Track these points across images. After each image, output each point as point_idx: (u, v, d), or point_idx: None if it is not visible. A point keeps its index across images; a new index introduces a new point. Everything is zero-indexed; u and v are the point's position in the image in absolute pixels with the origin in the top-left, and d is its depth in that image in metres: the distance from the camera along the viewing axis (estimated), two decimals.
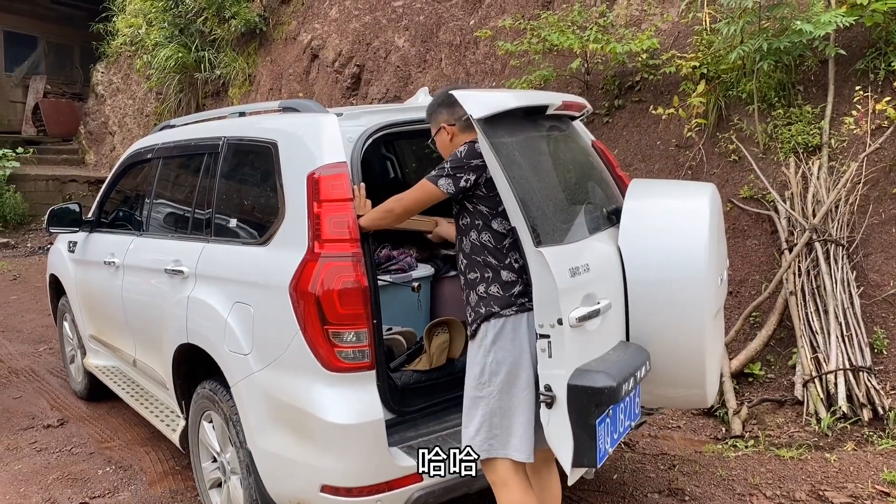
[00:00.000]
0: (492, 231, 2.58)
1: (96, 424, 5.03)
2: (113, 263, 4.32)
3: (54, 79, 17.72)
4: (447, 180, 2.57)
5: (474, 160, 2.55)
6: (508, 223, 2.51)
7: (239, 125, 3.58)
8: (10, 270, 10.74)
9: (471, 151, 2.56)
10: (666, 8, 6.69)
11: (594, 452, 2.40)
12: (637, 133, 6.37)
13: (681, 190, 3.59)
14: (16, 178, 13.49)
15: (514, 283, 2.55)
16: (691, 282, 2.79)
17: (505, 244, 2.57)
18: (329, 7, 10.58)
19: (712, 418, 4.59)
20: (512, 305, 2.54)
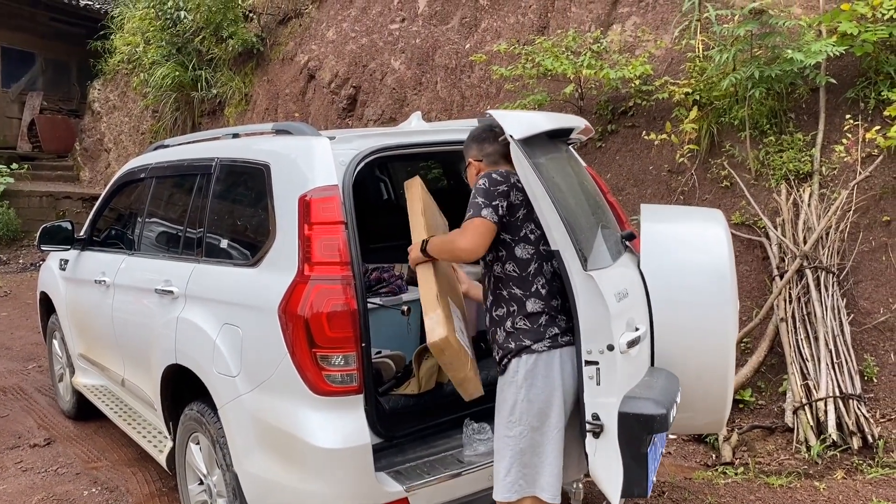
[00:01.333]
0: (515, 259, 2.59)
1: (83, 444, 4.99)
2: (104, 282, 4.30)
3: (51, 95, 17.74)
4: (489, 210, 2.54)
5: (499, 186, 2.57)
6: (532, 247, 2.58)
7: (232, 146, 3.59)
8: (0, 287, 10.69)
9: (492, 180, 2.59)
10: (659, 35, 6.76)
11: (645, 482, 2.37)
12: (630, 158, 6.41)
13: (694, 215, 3.60)
14: (9, 193, 13.45)
15: (539, 313, 2.56)
16: (716, 306, 2.79)
17: (530, 270, 2.59)
18: (326, 29, 10.66)
19: (702, 444, 4.58)
20: (542, 339, 2.53)
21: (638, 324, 2.57)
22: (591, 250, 2.52)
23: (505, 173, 2.62)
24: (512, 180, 2.59)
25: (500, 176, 2.61)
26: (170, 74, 11.93)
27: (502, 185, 2.57)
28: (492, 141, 2.77)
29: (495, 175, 2.60)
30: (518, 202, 2.58)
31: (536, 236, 2.59)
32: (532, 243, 2.60)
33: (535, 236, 2.60)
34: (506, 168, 2.68)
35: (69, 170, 16.15)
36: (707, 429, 3.80)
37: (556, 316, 2.57)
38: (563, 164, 2.92)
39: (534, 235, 2.60)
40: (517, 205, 2.58)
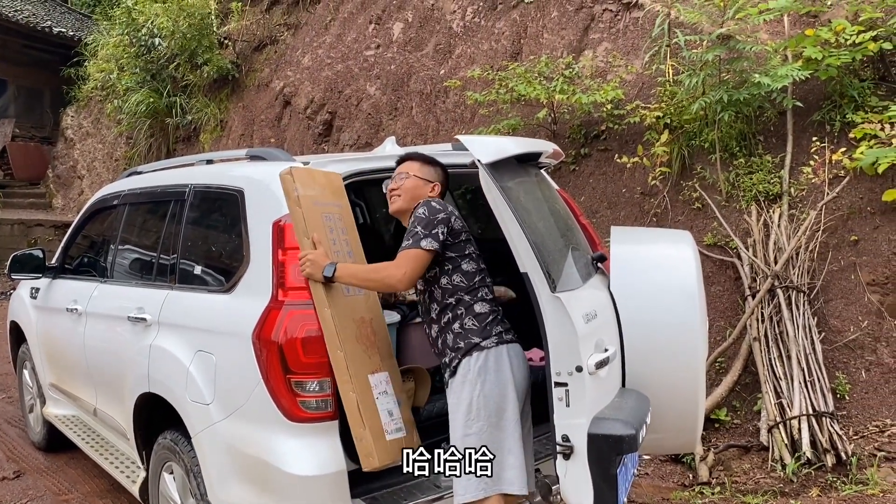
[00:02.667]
0: (462, 272, 2.72)
1: (54, 476, 4.89)
2: (76, 310, 4.25)
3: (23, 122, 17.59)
4: (428, 240, 2.64)
5: (439, 214, 2.69)
6: (475, 263, 2.74)
7: (206, 173, 3.59)
8: None
9: (432, 208, 2.70)
10: (630, 60, 6.87)
11: (615, 502, 2.37)
12: (603, 181, 6.48)
13: (663, 237, 3.64)
14: None
15: (487, 313, 2.70)
16: (685, 326, 2.81)
17: (475, 281, 2.74)
18: (302, 55, 10.71)
19: (679, 465, 4.59)
20: (490, 336, 2.66)
21: (607, 345, 2.58)
22: (559, 272, 2.54)
23: (443, 202, 2.78)
24: (449, 208, 2.75)
25: (439, 204, 2.75)
26: (144, 101, 11.90)
27: (441, 212, 2.69)
28: (441, 173, 3.00)
29: (435, 203, 2.73)
30: (459, 227, 2.74)
31: (477, 255, 2.79)
32: (475, 260, 2.77)
33: (477, 255, 2.79)
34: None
35: (41, 197, 15.99)
36: (680, 449, 3.82)
37: (500, 318, 2.75)
38: (533, 187, 2.95)
39: (476, 254, 2.78)
40: (458, 230, 2.74)
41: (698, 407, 2.90)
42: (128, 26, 11.86)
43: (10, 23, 15.89)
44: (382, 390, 2.73)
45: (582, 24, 7.47)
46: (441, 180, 2.97)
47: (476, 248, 2.79)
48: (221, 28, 11.89)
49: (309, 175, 2.85)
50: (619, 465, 2.38)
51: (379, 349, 2.81)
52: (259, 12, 11.96)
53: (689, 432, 2.97)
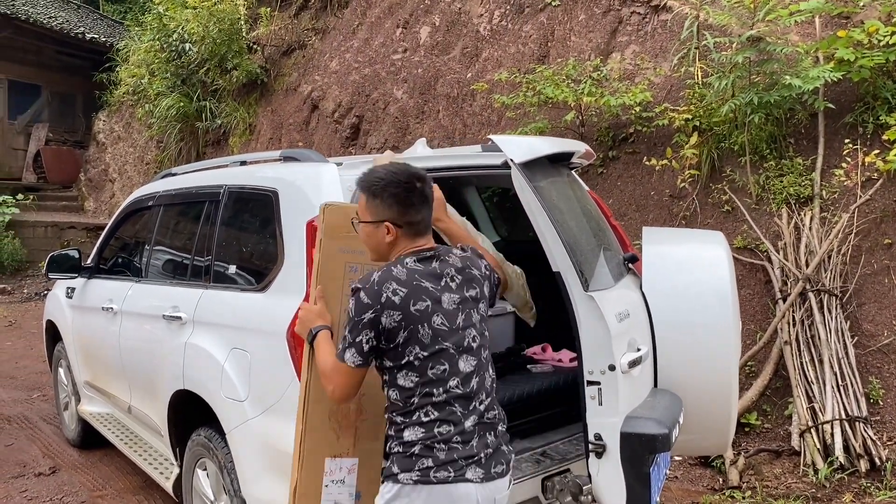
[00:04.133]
0: (398, 387, 2.13)
1: (89, 472, 4.97)
2: (111, 309, 4.33)
3: (56, 127, 17.93)
4: (352, 353, 2.11)
5: (364, 314, 2.08)
6: (421, 373, 2.09)
7: (240, 174, 3.64)
8: (5, 316, 10.71)
9: (358, 302, 2.10)
10: (658, 62, 6.85)
11: (647, 502, 2.37)
12: (631, 184, 6.46)
13: (695, 237, 3.63)
14: (15, 224, 13.54)
15: (417, 441, 2.08)
16: (718, 326, 2.81)
17: (412, 401, 2.10)
18: (329, 60, 10.80)
19: (709, 468, 4.56)
20: (411, 470, 2.06)
21: (640, 344, 2.59)
22: (592, 272, 2.56)
23: (379, 284, 2.09)
24: (387, 293, 2.07)
25: (371, 294, 2.08)
26: (174, 105, 12.07)
27: (369, 309, 2.07)
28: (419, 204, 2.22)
29: (364, 293, 2.09)
30: (395, 323, 2.08)
31: (427, 358, 2.10)
32: (418, 369, 2.11)
33: (426, 358, 2.10)
34: (417, 248, 2.21)
35: (74, 200, 16.27)
36: (712, 450, 3.80)
37: (431, 450, 2.07)
38: (565, 187, 2.96)
39: (422, 358, 2.10)
40: (394, 327, 2.08)
41: (731, 408, 2.89)
42: (159, 32, 12.05)
43: (45, 29, 16.21)
44: (338, 478, 2.35)
45: (609, 27, 7.46)
46: (393, 216, 2.19)
47: (423, 346, 2.10)
48: (251, 33, 12.03)
49: (343, 214, 2.43)
50: (653, 464, 2.38)
51: (358, 431, 2.39)
52: (287, 17, 12.09)
53: (722, 434, 2.96)
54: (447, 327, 2.13)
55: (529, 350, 4.02)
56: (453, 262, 2.24)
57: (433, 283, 2.15)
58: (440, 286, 2.16)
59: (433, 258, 2.21)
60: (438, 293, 2.15)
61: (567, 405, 3.33)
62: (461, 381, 2.12)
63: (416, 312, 2.09)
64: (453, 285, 2.19)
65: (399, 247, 2.23)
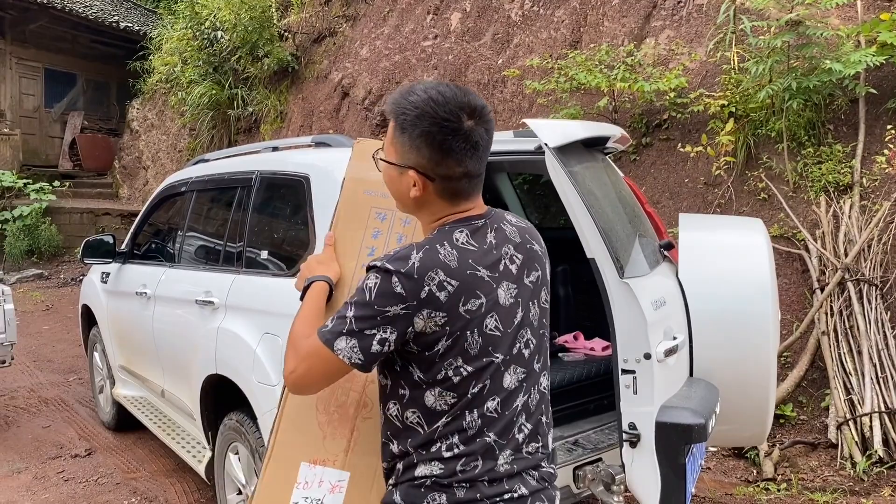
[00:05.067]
0: (422, 407, 1.55)
1: (123, 455, 5.05)
2: (145, 294, 4.38)
3: (91, 115, 18.19)
4: (349, 344, 1.50)
5: (393, 306, 1.48)
6: (453, 396, 1.53)
7: (272, 160, 3.65)
8: (42, 301, 10.92)
9: (384, 289, 1.49)
10: (694, 47, 6.73)
11: (683, 493, 2.34)
12: (665, 171, 6.37)
13: (733, 224, 3.56)
14: (51, 210, 13.78)
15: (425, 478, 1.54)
16: (756, 315, 2.76)
17: (437, 427, 1.54)
18: (360, 47, 10.79)
19: (743, 460, 4.50)
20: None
21: (676, 333, 2.55)
22: (627, 258, 2.52)
23: (421, 273, 1.48)
24: (430, 287, 1.48)
25: (408, 284, 1.48)
26: (207, 93, 12.16)
27: (400, 303, 1.48)
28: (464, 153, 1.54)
29: (397, 282, 1.48)
30: (438, 328, 1.50)
31: (465, 378, 1.53)
32: (455, 388, 1.53)
33: (465, 378, 1.53)
34: (461, 214, 1.60)
35: (108, 187, 16.49)
36: (749, 441, 3.75)
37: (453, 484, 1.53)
38: (600, 173, 2.91)
39: (459, 377, 1.53)
40: (434, 334, 1.50)
41: (769, 399, 2.83)
42: (191, 20, 12.12)
43: (80, 18, 16.40)
44: (314, 496, 1.78)
45: (643, 12, 7.34)
46: (422, 162, 1.55)
47: (478, 357, 1.53)
48: (282, 20, 12.05)
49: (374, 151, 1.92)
50: (688, 455, 2.35)
51: (356, 434, 1.81)
52: (318, 4, 12.08)
53: (759, 425, 2.91)
54: (500, 331, 1.55)
55: (561, 338, 3.99)
56: (510, 234, 1.64)
57: (490, 271, 1.55)
58: (498, 273, 1.57)
59: (486, 229, 1.59)
60: (496, 285, 1.56)
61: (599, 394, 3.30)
62: (501, 401, 1.56)
63: (467, 314, 1.51)
64: (513, 268, 1.60)
65: (434, 207, 1.60)
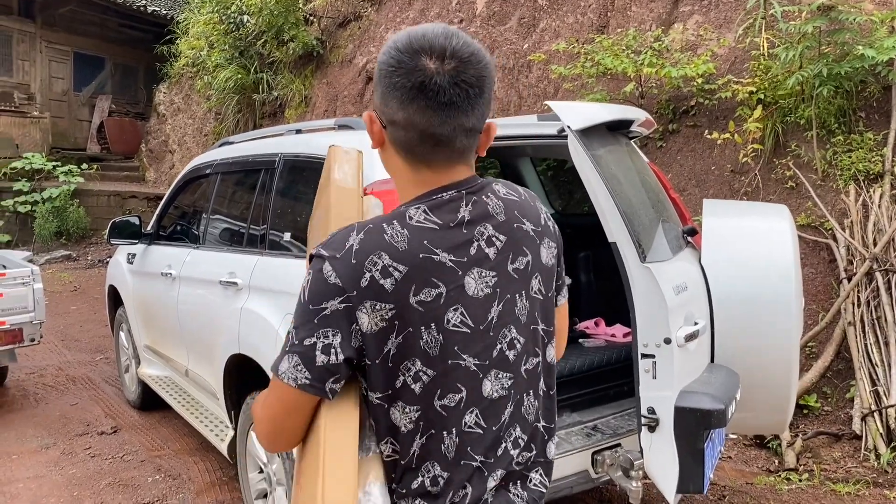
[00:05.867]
0: (389, 428, 1.26)
1: (147, 433, 5.13)
2: (170, 275, 4.43)
3: (119, 98, 18.38)
4: (292, 362, 1.23)
5: (330, 301, 1.21)
6: (415, 410, 1.24)
7: (295, 142, 3.66)
8: (70, 281, 11.09)
9: (317, 282, 1.22)
10: (723, 33, 6.63)
11: (701, 478, 2.34)
12: (691, 158, 6.30)
13: (758, 210, 3.52)
14: (79, 193, 13.97)
15: None
16: (779, 303, 2.73)
17: (413, 452, 1.26)
18: (385, 31, 10.76)
19: (764, 450, 4.46)
20: None
21: (697, 318, 2.53)
22: (649, 243, 2.50)
23: (359, 255, 1.21)
24: (372, 273, 1.20)
25: (343, 270, 1.21)
26: (232, 77, 12.22)
27: (337, 296, 1.20)
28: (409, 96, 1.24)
29: (330, 270, 1.21)
30: (385, 323, 1.21)
31: (427, 383, 1.24)
32: (416, 400, 1.25)
33: (426, 384, 1.24)
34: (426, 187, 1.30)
35: (135, 170, 16.68)
36: (770, 430, 3.72)
37: None
38: (624, 157, 2.89)
39: (421, 385, 1.24)
40: (381, 331, 1.22)
41: (790, 387, 2.81)
42: (217, 4, 12.17)
43: (109, 2, 16.54)
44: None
45: None
46: (381, 106, 1.31)
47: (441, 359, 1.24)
48: (307, 4, 12.06)
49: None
50: (707, 440, 2.34)
51: None
52: None
53: (780, 413, 2.88)
54: (469, 328, 1.26)
55: (582, 324, 3.98)
56: (493, 209, 1.32)
57: (455, 255, 1.26)
58: (467, 257, 1.27)
59: (457, 203, 1.29)
60: (462, 271, 1.26)
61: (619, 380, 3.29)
62: (482, 414, 1.29)
63: (420, 306, 1.22)
64: (490, 252, 1.29)
65: (398, 171, 1.33)
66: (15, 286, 5.27)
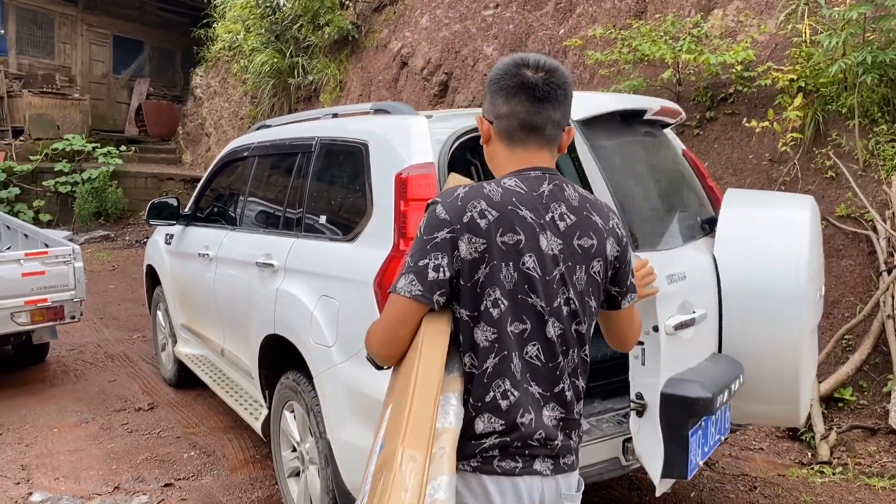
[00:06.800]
0: (474, 347, 1.60)
1: (183, 410, 5.24)
2: (207, 255, 4.50)
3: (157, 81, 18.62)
4: (408, 279, 1.58)
5: (440, 231, 1.58)
6: (492, 331, 1.58)
7: (332, 126, 3.69)
8: (109, 261, 11.30)
9: (431, 219, 1.60)
10: (763, 19, 6.51)
11: (685, 464, 2.36)
12: (729, 146, 6.22)
13: (779, 201, 3.48)
14: (118, 174, 14.20)
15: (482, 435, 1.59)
16: (789, 296, 2.72)
17: (487, 370, 1.59)
18: (420, 16, 10.74)
19: (798, 442, 4.42)
20: (472, 456, 1.60)
21: (696, 307, 2.52)
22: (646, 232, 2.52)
23: (463, 200, 1.59)
24: (472, 213, 1.57)
25: (451, 209, 1.59)
26: (268, 61, 12.30)
27: (445, 226, 1.58)
28: (512, 93, 1.66)
29: (441, 209, 1.60)
30: (477, 254, 1.57)
31: (503, 311, 1.59)
32: (501, 323, 1.59)
33: (502, 311, 1.59)
34: (518, 165, 1.68)
35: (172, 153, 16.90)
36: (782, 422, 3.71)
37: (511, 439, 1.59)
38: (636, 147, 2.89)
39: (498, 310, 1.58)
40: (476, 259, 1.57)
41: (799, 380, 2.78)
42: None
43: None
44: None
45: None
46: (487, 106, 1.72)
47: (514, 292, 1.58)
48: None
49: None
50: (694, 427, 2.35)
51: None
52: None
53: (791, 404, 2.86)
54: (538, 275, 1.59)
55: None
56: (569, 196, 1.68)
57: (534, 214, 1.61)
58: (543, 220, 1.62)
59: (541, 180, 1.66)
60: (538, 229, 1.60)
61: None
62: (542, 350, 1.60)
63: (503, 246, 1.57)
64: (561, 225, 1.64)
65: (499, 155, 1.72)
66: (57, 264, 5.40)
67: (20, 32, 16.56)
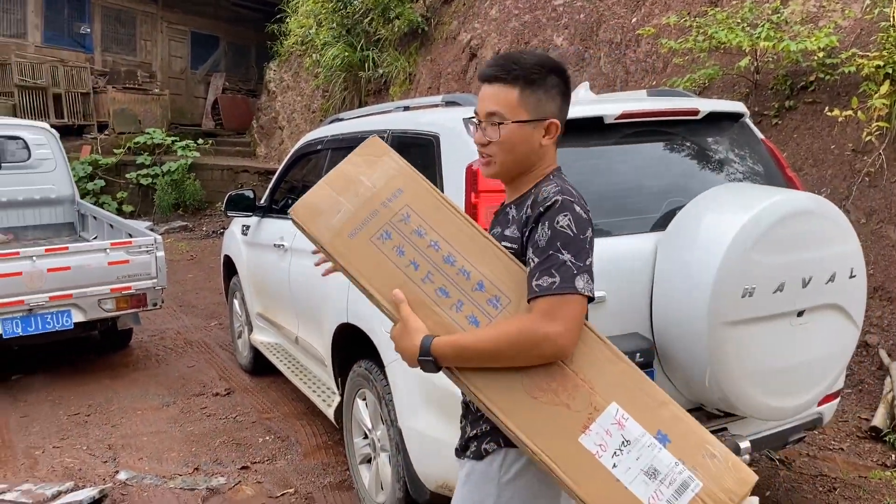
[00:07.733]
0: None
1: (258, 396, 5.40)
2: (282, 246, 4.61)
3: (232, 76, 19.14)
4: (584, 280, 1.64)
5: (588, 230, 1.70)
6: None
7: (403, 119, 3.72)
8: (187, 251, 11.69)
9: (579, 218, 1.68)
10: (848, 3, 6.26)
11: None
12: (809, 136, 6.01)
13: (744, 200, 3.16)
14: (195, 166, 14.67)
15: None
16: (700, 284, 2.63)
17: None
18: (489, 7, 10.72)
19: (881, 443, 4.26)
20: None
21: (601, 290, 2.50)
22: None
23: (581, 197, 1.76)
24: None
25: (584, 207, 1.72)
26: (339, 55, 12.47)
27: (590, 226, 1.71)
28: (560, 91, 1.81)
29: (580, 209, 1.70)
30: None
31: None
32: None
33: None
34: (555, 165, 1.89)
35: (247, 146, 17.35)
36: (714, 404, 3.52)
37: None
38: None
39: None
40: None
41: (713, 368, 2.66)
42: None
43: None
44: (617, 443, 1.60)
45: None
46: (556, 111, 1.78)
47: None
48: None
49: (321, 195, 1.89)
50: None
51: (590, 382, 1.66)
52: None
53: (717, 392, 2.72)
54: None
55: None
56: None
57: None
58: None
59: None
60: None
61: None
62: None
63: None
64: None
65: (548, 156, 1.84)
66: (140, 253, 5.62)
67: (105, 31, 17.27)
